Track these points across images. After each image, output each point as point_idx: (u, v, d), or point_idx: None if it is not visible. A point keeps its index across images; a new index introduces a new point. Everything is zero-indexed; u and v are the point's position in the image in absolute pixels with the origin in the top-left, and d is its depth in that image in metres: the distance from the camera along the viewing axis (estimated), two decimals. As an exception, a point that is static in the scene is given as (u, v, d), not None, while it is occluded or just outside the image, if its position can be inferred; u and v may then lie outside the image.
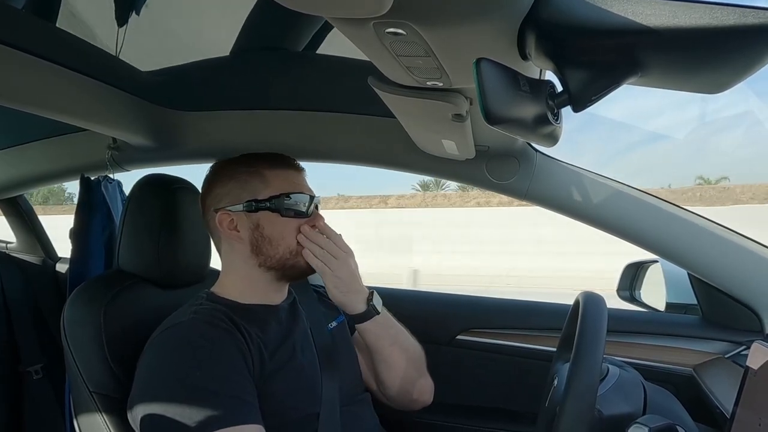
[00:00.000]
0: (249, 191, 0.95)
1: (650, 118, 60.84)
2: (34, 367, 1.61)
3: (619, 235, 1.16)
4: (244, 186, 0.95)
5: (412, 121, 0.96)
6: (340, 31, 0.57)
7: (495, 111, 0.47)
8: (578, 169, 1.16)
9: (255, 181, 0.95)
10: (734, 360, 1.17)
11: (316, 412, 0.91)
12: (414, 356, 1.06)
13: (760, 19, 0.41)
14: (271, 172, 0.96)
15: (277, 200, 0.94)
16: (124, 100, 1.14)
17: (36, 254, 1.87)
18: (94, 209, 1.34)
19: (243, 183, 0.96)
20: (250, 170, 0.97)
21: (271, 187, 0.95)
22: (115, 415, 0.89)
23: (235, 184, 0.96)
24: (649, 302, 1.41)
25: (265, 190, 0.94)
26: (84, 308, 0.94)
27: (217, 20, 1.29)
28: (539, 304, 1.43)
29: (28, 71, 0.90)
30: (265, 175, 0.96)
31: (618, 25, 0.45)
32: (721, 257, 1.13)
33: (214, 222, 0.96)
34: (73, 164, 1.44)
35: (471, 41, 0.56)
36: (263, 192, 0.94)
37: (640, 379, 0.87)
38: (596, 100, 0.50)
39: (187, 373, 0.80)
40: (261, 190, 0.95)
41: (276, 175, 0.96)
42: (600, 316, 0.78)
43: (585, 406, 0.71)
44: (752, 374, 0.69)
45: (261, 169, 0.96)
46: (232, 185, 0.96)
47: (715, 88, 0.51)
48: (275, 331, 0.94)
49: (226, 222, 0.95)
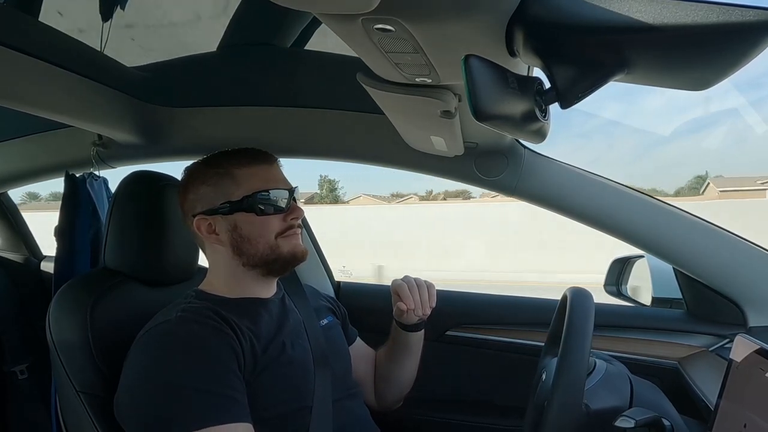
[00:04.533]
0: (221, 194, 0.93)
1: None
2: (19, 367, 1.59)
3: (606, 230, 1.17)
4: (216, 189, 0.94)
5: (401, 117, 0.96)
6: (329, 27, 0.57)
7: (483, 108, 0.47)
8: (566, 165, 1.17)
9: (226, 182, 0.94)
10: (718, 353, 1.18)
11: (308, 405, 0.91)
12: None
13: (744, 17, 0.42)
14: (240, 171, 0.94)
15: (251, 199, 0.92)
16: (109, 96, 1.12)
17: (20, 252, 1.84)
18: (80, 207, 1.32)
19: (214, 186, 0.94)
20: (219, 172, 0.95)
21: (242, 187, 0.93)
22: (102, 414, 0.88)
23: (207, 188, 0.95)
24: (635, 297, 1.43)
25: (237, 191, 0.93)
26: (70, 307, 0.93)
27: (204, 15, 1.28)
28: (528, 299, 1.44)
29: (10, 67, 0.88)
30: (235, 175, 0.94)
31: (605, 23, 0.46)
32: (705, 252, 1.14)
33: (193, 227, 0.96)
34: (58, 161, 1.42)
35: (459, 38, 0.56)
36: (235, 193, 0.93)
37: (627, 373, 0.88)
38: (583, 97, 0.50)
39: (175, 371, 0.79)
40: (233, 192, 0.93)
41: (246, 174, 0.94)
42: (587, 311, 0.79)
43: (572, 400, 0.71)
44: (736, 367, 0.70)
45: (231, 169, 0.95)
46: (204, 190, 0.95)
47: (699, 85, 0.52)
48: (267, 323, 0.94)
49: (204, 226, 0.94)
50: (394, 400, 1.19)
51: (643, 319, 1.31)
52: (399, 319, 1.11)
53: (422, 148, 1.15)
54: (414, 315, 1.06)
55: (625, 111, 71.85)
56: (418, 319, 1.09)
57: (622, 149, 47.78)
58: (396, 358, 1.14)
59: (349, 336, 1.17)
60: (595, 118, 66.92)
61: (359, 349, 1.18)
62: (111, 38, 1.13)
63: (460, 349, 1.40)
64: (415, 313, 1.04)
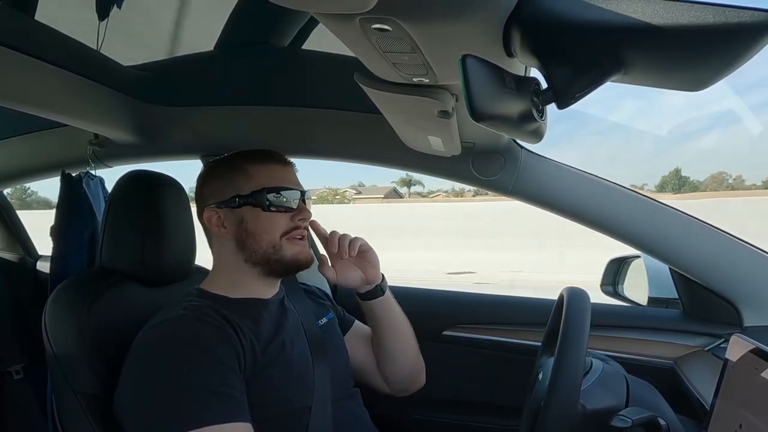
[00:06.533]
0: (232, 187, 0.95)
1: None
2: (14, 368, 1.58)
3: (602, 230, 1.17)
4: (228, 183, 0.96)
5: (398, 117, 0.96)
6: (326, 26, 0.57)
7: (481, 108, 0.47)
8: (563, 165, 1.18)
9: (238, 176, 0.95)
10: (714, 353, 1.19)
11: (308, 405, 0.91)
12: (412, 334, 1.15)
13: (739, 18, 0.42)
14: (253, 167, 0.96)
15: (259, 195, 0.93)
16: (105, 95, 1.12)
17: (15, 252, 1.83)
18: (76, 206, 1.32)
19: (227, 180, 0.96)
20: (234, 167, 0.97)
21: (253, 182, 0.95)
22: (100, 413, 0.88)
23: (220, 181, 0.97)
24: (631, 297, 1.43)
25: (247, 186, 0.94)
26: (66, 307, 0.92)
27: (201, 15, 1.28)
28: (524, 299, 1.44)
29: (6, 65, 0.88)
30: (247, 171, 0.96)
31: (601, 23, 0.46)
32: (701, 252, 1.15)
33: (203, 219, 0.97)
34: (54, 160, 1.42)
35: (457, 38, 0.56)
36: (245, 187, 0.94)
37: (623, 373, 0.88)
38: (580, 97, 0.50)
39: (176, 370, 0.79)
40: (243, 186, 0.94)
41: (258, 170, 0.96)
42: (583, 310, 0.79)
43: (569, 400, 0.72)
44: (731, 366, 0.70)
45: (244, 165, 0.97)
46: (217, 183, 0.97)
47: (696, 85, 0.52)
48: (267, 324, 0.94)
49: (214, 219, 0.96)
50: (404, 379, 1.15)
51: (639, 319, 1.31)
52: (360, 288, 1.07)
53: (419, 147, 1.15)
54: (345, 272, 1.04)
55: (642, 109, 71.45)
56: (362, 281, 1.05)
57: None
58: (377, 333, 1.11)
59: (347, 323, 1.17)
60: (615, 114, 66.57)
61: (359, 332, 1.17)
62: (108, 37, 1.13)
63: (457, 349, 1.40)
64: (341, 257, 1.04)
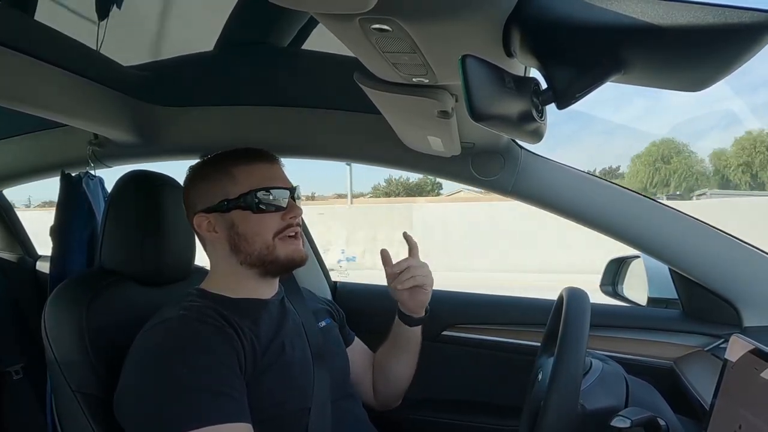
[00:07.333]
0: (220, 192, 0.94)
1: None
2: (14, 368, 1.58)
3: (602, 230, 1.17)
4: (215, 187, 0.95)
5: (397, 117, 0.96)
6: (326, 26, 0.57)
7: (480, 108, 0.47)
8: (562, 165, 1.18)
9: (225, 180, 0.94)
10: (713, 353, 1.19)
11: (307, 406, 0.91)
12: (415, 364, 1.18)
13: (739, 18, 0.42)
14: (239, 169, 0.95)
15: (247, 197, 0.92)
16: (105, 95, 1.12)
17: (15, 252, 1.83)
18: (75, 206, 1.31)
19: (213, 184, 0.95)
20: (219, 170, 0.96)
21: (240, 184, 0.94)
22: (99, 413, 0.88)
23: (207, 186, 0.96)
24: (631, 297, 1.43)
25: (234, 189, 0.93)
26: (66, 307, 0.92)
27: (201, 15, 1.28)
28: (524, 299, 1.44)
29: (5, 65, 0.88)
30: (233, 174, 0.94)
31: (601, 24, 0.46)
32: (701, 253, 1.15)
33: (194, 225, 0.97)
34: (54, 161, 1.42)
35: (456, 38, 0.56)
36: (233, 191, 0.93)
37: (623, 373, 0.88)
38: (580, 97, 0.50)
39: (176, 369, 0.79)
40: (230, 190, 0.93)
41: (244, 172, 0.95)
42: (583, 311, 0.79)
43: (569, 400, 0.72)
44: (731, 366, 0.70)
45: (229, 167, 0.95)
46: (204, 188, 0.96)
47: (695, 85, 0.52)
48: (267, 324, 0.94)
49: (204, 224, 0.95)
50: (394, 398, 1.19)
51: (639, 319, 1.31)
52: (405, 311, 1.10)
53: (419, 148, 1.15)
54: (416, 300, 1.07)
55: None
56: (405, 304, 1.09)
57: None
58: (396, 354, 1.14)
59: (347, 338, 1.17)
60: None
61: (358, 350, 1.18)
62: (107, 37, 1.12)
63: (456, 349, 1.40)
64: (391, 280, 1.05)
